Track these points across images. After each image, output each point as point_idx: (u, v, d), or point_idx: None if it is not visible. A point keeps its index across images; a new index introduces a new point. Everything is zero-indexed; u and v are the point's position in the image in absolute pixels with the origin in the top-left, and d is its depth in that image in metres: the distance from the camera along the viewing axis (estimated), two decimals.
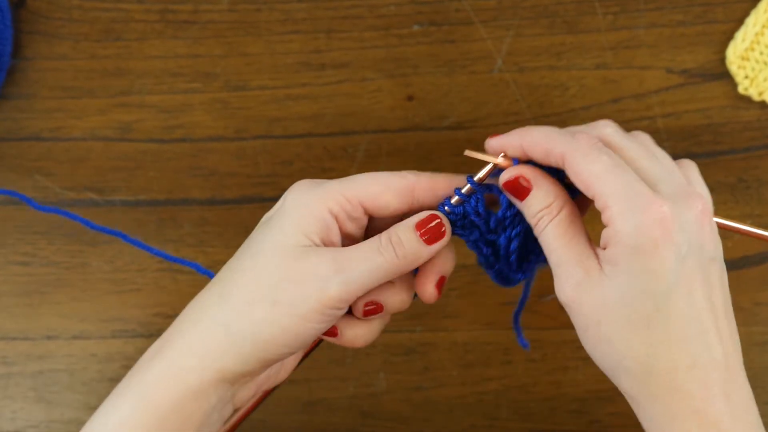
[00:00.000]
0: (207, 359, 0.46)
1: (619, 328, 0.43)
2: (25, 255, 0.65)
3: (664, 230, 0.42)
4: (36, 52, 0.66)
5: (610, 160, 0.43)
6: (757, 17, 0.64)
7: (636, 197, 0.42)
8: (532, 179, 0.46)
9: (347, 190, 0.47)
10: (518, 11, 0.65)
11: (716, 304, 0.44)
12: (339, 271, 0.45)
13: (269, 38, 0.66)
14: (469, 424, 0.63)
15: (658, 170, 0.45)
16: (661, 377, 0.43)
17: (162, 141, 0.66)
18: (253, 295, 0.46)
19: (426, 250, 0.47)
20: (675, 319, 0.43)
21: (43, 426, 0.64)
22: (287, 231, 0.47)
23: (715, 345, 0.43)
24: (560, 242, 0.45)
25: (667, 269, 0.42)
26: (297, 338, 0.46)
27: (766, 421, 0.63)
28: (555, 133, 0.46)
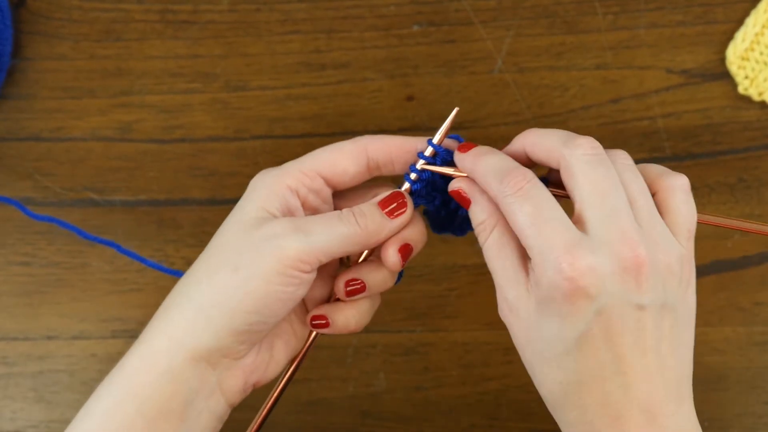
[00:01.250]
0: (176, 338, 0.46)
1: (537, 361, 0.46)
2: (25, 255, 0.65)
3: (575, 285, 0.42)
4: (36, 52, 0.66)
5: (532, 209, 0.44)
6: (757, 17, 0.64)
7: (551, 251, 0.43)
8: (470, 194, 0.48)
9: (302, 163, 0.49)
10: (518, 11, 0.65)
11: (644, 346, 0.44)
12: (296, 230, 0.46)
13: (269, 38, 0.66)
14: (469, 424, 0.63)
15: (601, 209, 0.44)
16: (573, 412, 0.45)
17: (162, 141, 0.66)
18: (215, 266, 0.47)
19: (389, 223, 0.48)
20: (584, 364, 0.44)
21: (43, 426, 0.64)
22: (247, 208, 0.48)
23: (633, 384, 0.44)
24: (494, 264, 0.46)
25: (578, 320, 0.43)
26: (264, 302, 0.46)
27: (766, 421, 0.63)
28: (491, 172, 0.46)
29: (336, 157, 0.49)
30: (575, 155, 0.45)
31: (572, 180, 0.45)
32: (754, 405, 0.63)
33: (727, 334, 0.63)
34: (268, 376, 0.51)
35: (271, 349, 0.51)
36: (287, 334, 0.51)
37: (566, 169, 0.45)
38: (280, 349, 0.51)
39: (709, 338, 0.63)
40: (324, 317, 0.50)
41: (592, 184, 0.44)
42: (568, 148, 0.45)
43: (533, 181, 0.45)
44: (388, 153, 0.49)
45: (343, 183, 0.50)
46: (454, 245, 0.64)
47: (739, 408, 0.63)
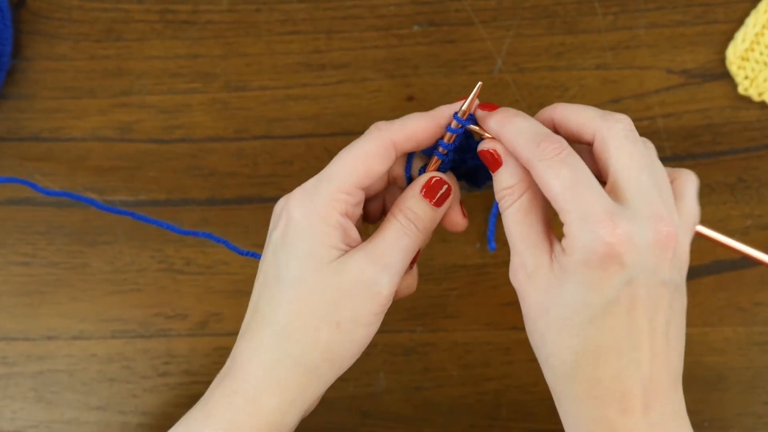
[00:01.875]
0: (290, 398, 0.47)
1: (553, 329, 0.45)
2: (25, 255, 0.65)
3: (612, 251, 0.42)
4: (36, 52, 0.66)
5: (571, 174, 0.43)
6: (757, 18, 0.64)
7: (589, 216, 0.43)
8: (503, 155, 0.47)
9: (341, 184, 0.47)
10: (518, 11, 0.65)
11: (656, 325, 0.44)
12: (383, 269, 0.46)
13: (269, 39, 0.66)
14: (469, 424, 0.63)
15: (638, 183, 0.44)
16: (582, 383, 0.44)
17: (162, 141, 0.66)
18: (314, 324, 0.46)
19: (439, 213, 0.49)
20: (606, 333, 0.44)
21: (43, 426, 0.64)
22: (314, 250, 0.47)
23: (644, 362, 0.44)
24: (517, 229, 0.46)
25: (608, 287, 0.43)
26: (364, 343, 0.47)
27: (766, 421, 0.63)
28: (524, 135, 0.46)
29: (368, 164, 0.48)
30: (615, 128, 0.45)
31: (609, 152, 0.45)
32: (754, 405, 0.63)
33: (727, 334, 0.63)
34: None
35: None
36: None
37: (603, 141, 0.45)
38: None
39: (709, 338, 0.63)
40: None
41: (631, 157, 0.44)
42: (607, 122, 0.45)
43: (569, 149, 0.44)
44: (415, 140, 0.49)
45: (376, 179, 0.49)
46: (455, 245, 0.64)
47: (739, 408, 0.63)
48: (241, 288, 0.64)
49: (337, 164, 0.48)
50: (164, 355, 0.64)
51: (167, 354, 0.64)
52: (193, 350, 0.64)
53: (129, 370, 0.64)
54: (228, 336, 0.64)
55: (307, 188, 0.48)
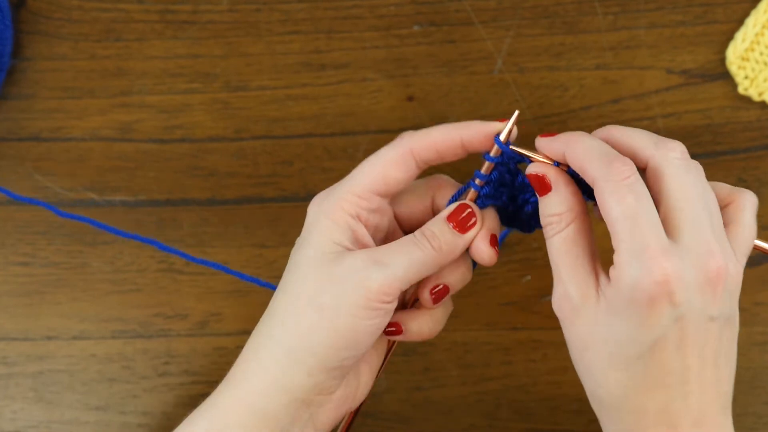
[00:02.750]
0: (269, 379, 0.47)
1: (599, 361, 0.44)
2: (25, 255, 0.65)
3: (662, 290, 0.42)
4: (36, 52, 0.66)
5: (634, 203, 0.43)
6: (757, 18, 0.64)
7: (643, 250, 0.42)
8: (554, 182, 0.46)
9: (354, 186, 0.48)
10: (518, 11, 0.65)
11: (705, 358, 0.44)
12: (377, 263, 0.46)
13: (269, 38, 0.66)
14: (469, 424, 0.63)
15: (692, 217, 0.44)
16: (629, 415, 0.44)
17: (162, 141, 0.66)
18: (299, 308, 0.47)
19: (461, 239, 0.48)
20: (654, 369, 0.43)
21: (43, 426, 0.64)
22: (316, 244, 0.47)
23: (692, 394, 0.44)
24: (563, 259, 0.45)
25: (657, 325, 0.43)
26: (353, 338, 0.46)
27: (766, 421, 0.63)
28: (594, 152, 0.45)
29: (384, 170, 0.48)
30: (668, 158, 0.44)
31: (663, 182, 0.44)
32: (754, 405, 0.63)
33: None
34: (357, 401, 0.51)
35: (358, 376, 0.51)
36: (369, 355, 0.51)
37: (657, 171, 0.44)
38: (365, 373, 0.51)
39: None
40: (397, 324, 0.50)
41: (683, 189, 0.44)
42: (661, 150, 0.45)
43: (637, 175, 0.44)
44: (435, 150, 0.48)
45: (397, 190, 0.49)
46: None
47: (739, 408, 0.63)
48: (241, 288, 0.64)
49: (357, 169, 0.49)
50: (164, 355, 0.64)
51: (167, 354, 0.64)
52: (193, 350, 0.64)
53: (129, 370, 0.64)
54: (228, 336, 0.64)
55: (326, 190, 0.49)
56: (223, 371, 0.63)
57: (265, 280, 0.64)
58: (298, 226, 0.65)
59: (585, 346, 0.45)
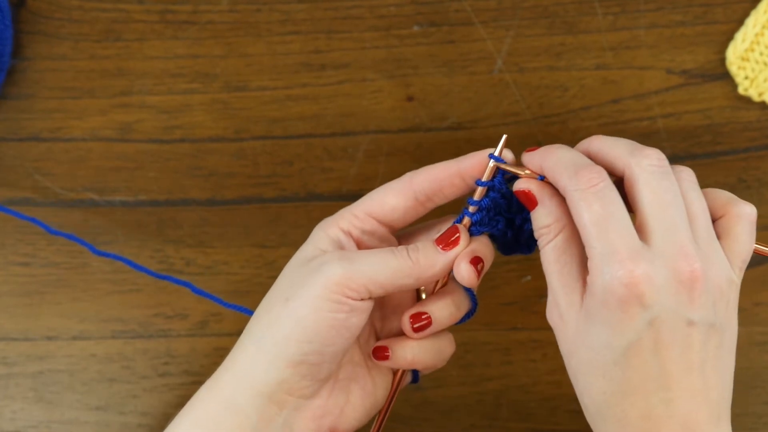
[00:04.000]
0: (239, 372, 0.48)
1: (582, 368, 0.45)
2: (25, 255, 0.65)
3: (630, 292, 0.42)
4: (36, 52, 0.66)
5: (601, 210, 0.43)
6: (757, 18, 0.64)
7: (612, 254, 0.43)
8: (538, 196, 0.47)
9: (354, 208, 0.50)
10: (518, 12, 0.65)
11: (690, 364, 0.44)
12: (342, 258, 0.47)
13: (269, 39, 0.66)
14: (469, 424, 0.63)
15: (663, 220, 0.44)
16: (613, 422, 0.44)
17: (162, 141, 0.66)
18: (271, 301, 0.48)
19: (442, 256, 0.48)
20: (631, 374, 0.44)
21: (43, 426, 0.64)
22: (305, 250, 0.49)
23: (676, 401, 0.44)
24: (553, 267, 0.46)
25: (629, 328, 0.43)
26: (314, 330, 0.46)
27: (766, 421, 0.63)
28: (563, 163, 0.46)
29: (383, 196, 0.50)
30: (642, 165, 0.45)
31: (636, 189, 0.45)
32: (754, 405, 0.63)
33: None
34: (345, 422, 0.50)
35: (347, 393, 0.51)
36: (364, 379, 0.51)
37: (631, 178, 0.45)
38: (357, 395, 0.51)
39: None
40: (385, 348, 0.50)
41: (655, 195, 0.44)
42: (636, 158, 0.45)
43: (607, 181, 0.44)
44: (433, 181, 0.49)
45: (396, 220, 0.50)
46: None
47: (739, 408, 0.63)
48: (241, 288, 0.64)
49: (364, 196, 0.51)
50: (164, 355, 0.64)
51: (167, 354, 0.64)
52: (193, 350, 0.64)
53: (129, 370, 0.64)
54: (228, 336, 0.64)
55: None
56: None
57: (265, 279, 0.64)
58: (298, 227, 0.65)
59: (570, 353, 0.46)
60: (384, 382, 0.52)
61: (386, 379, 0.52)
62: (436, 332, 0.51)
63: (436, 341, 0.51)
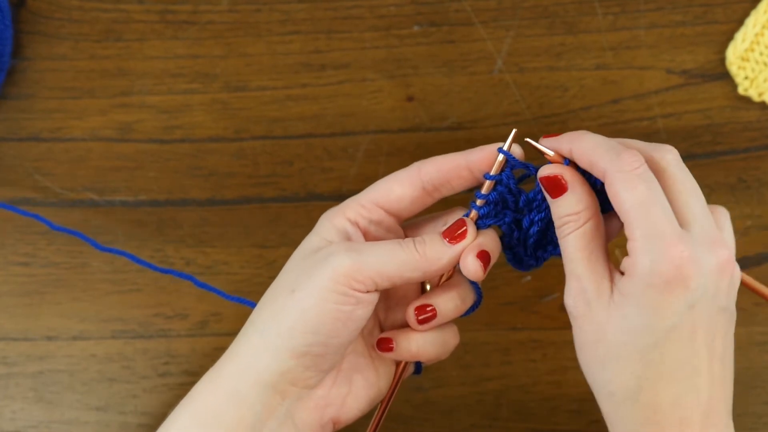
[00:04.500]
0: (241, 363, 0.47)
1: (613, 354, 0.44)
2: (25, 255, 0.65)
3: (679, 274, 0.42)
4: (36, 52, 0.66)
5: (647, 191, 0.44)
6: (757, 18, 0.64)
7: (660, 236, 0.43)
8: (570, 181, 0.47)
9: (360, 197, 0.50)
10: (518, 12, 0.65)
11: (715, 350, 0.44)
12: (349, 249, 0.46)
13: (269, 39, 0.66)
14: (469, 424, 0.63)
15: (696, 210, 0.45)
16: (643, 409, 0.44)
17: (162, 141, 0.66)
18: (276, 291, 0.48)
19: (449, 249, 0.48)
20: (669, 358, 0.43)
21: (43, 426, 0.64)
22: (311, 240, 0.49)
23: (703, 388, 0.44)
24: (580, 255, 0.46)
25: (673, 311, 0.43)
26: (320, 320, 0.46)
27: (766, 421, 0.63)
28: (603, 146, 0.46)
29: (390, 185, 0.49)
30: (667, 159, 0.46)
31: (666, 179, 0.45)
32: (754, 405, 0.63)
33: None
34: (347, 412, 0.50)
35: (350, 383, 0.50)
36: (367, 369, 0.51)
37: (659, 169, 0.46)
38: (359, 385, 0.51)
39: None
40: (390, 340, 0.50)
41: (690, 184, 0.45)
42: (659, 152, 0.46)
43: (646, 166, 0.45)
44: (440, 172, 0.49)
45: (403, 209, 0.50)
46: None
47: (739, 408, 0.63)
48: (241, 288, 0.64)
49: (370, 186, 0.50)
50: (164, 355, 0.64)
51: (167, 354, 0.64)
52: (193, 350, 0.64)
53: (129, 370, 0.64)
54: (228, 336, 0.64)
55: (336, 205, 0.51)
56: None
57: (265, 279, 0.64)
58: (298, 226, 0.65)
59: (597, 339, 0.45)
60: (387, 373, 0.52)
61: (389, 370, 0.52)
62: (440, 324, 0.51)
63: (441, 333, 0.51)
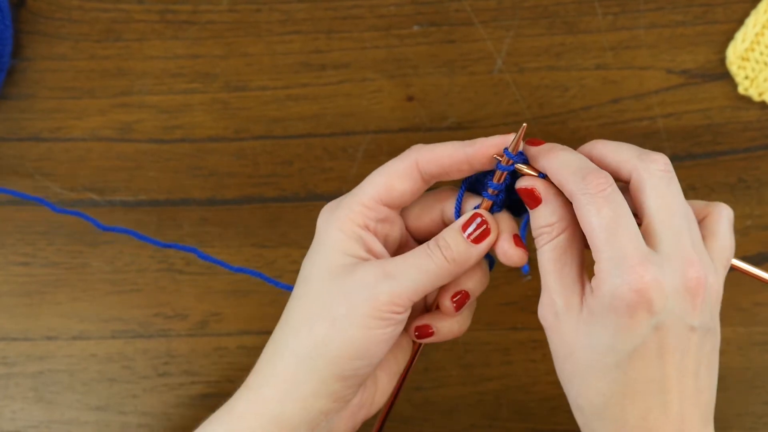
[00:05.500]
0: (285, 387, 0.47)
1: (580, 369, 0.45)
2: (25, 255, 0.65)
3: (640, 297, 0.42)
4: (36, 52, 0.66)
5: (611, 213, 0.43)
6: (757, 17, 0.64)
7: (622, 260, 0.43)
8: (543, 194, 0.47)
9: (361, 196, 0.49)
10: (518, 11, 0.65)
11: (685, 368, 0.44)
12: (387, 276, 0.46)
13: (269, 38, 0.66)
14: (469, 424, 0.63)
15: (671, 227, 0.44)
16: (611, 423, 0.44)
17: (162, 141, 0.66)
18: (311, 318, 0.47)
19: (475, 250, 0.48)
20: (634, 376, 0.44)
21: (43, 426, 0.64)
22: (328, 254, 0.48)
23: (672, 403, 0.44)
24: (551, 267, 0.46)
25: (635, 333, 0.43)
26: (365, 347, 0.47)
27: (766, 421, 0.63)
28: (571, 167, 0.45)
29: (390, 180, 0.49)
30: (650, 170, 0.45)
31: (644, 194, 0.45)
32: (754, 405, 0.63)
33: (727, 334, 0.63)
34: (374, 408, 0.51)
35: (376, 383, 0.51)
36: (388, 363, 0.52)
37: (639, 183, 0.45)
38: (384, 381, 0.51)
39: None
40: (429, 326, 0.50)
41: (664, 200, 0.44)
42: (643, 162, 0.45)
43: (614, 186, 0.44)
44: (439, 164, 0.49)
45: (405, 202, 0.50)
46: None
47: (739, 408, 0.63)
48: (241, 288, 0.64)
49: (365, 180, 0.49)
50: (164, 355, 0.64)
51: (167, 354, 0.64)
52: (193, 350, 0.64)
53: (129, 370, 0.64)
54: (228, 336, 0.64)
55: (334, 201, 0.50)
56: (224, 371, 0.64)
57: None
58: (298, 226, 0.65)
59: (566, 354, 0.46)
60: (404, 357, 0.52)
61: (405, 354, 0.52)
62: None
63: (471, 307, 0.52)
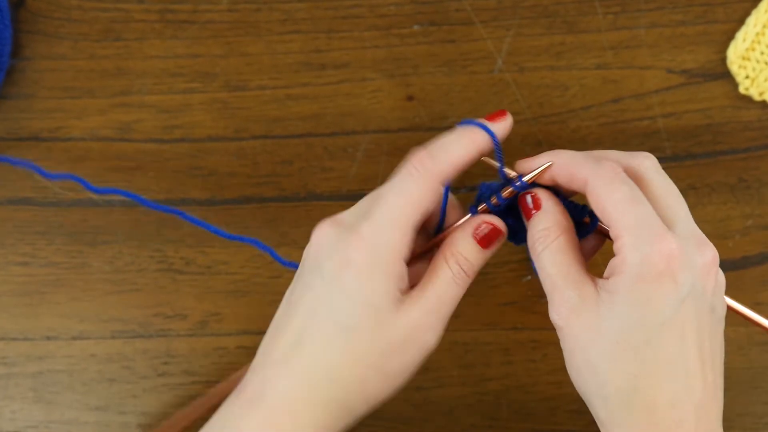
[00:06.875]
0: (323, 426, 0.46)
1: (606, 355, 0.44)
2: (24, 255, 0.65)
3: (669, 265, 0.42)
4: (36, 52, 0.66)
5: (630, 191, 0.44)
6: (758, 17, 0.64)
7: (648, 230, 0.43)
8: (543, 200, 0.48)
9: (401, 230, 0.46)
10: (518, 11, 0.65)
11: (704, 353, 0.44)
12: (434, 324, 0.47)
13: (269, 38, 0.66)
14: (469, 424, 0.63)
15: (679, 211, 0.45)
16: (640, 411, 0.43)
17: (162, 141, 0.66)
18: (362, 372, 0.46)
19: (487, 254, 0.49)
20: (663, 355, 0.43)
21: (43, 426, 0.64)
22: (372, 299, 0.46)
23: (696, 388, 0.44)
24: (555, 268, 0.46)
25: (664, 304, 0.43)
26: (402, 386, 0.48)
27: (766, 421, 0.63)
28: (580, 157, 0.47)
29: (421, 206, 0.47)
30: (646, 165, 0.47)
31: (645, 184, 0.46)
32: (754, 405, 0.63)
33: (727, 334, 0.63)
34: None
35: None
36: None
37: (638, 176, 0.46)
38: None
39: None
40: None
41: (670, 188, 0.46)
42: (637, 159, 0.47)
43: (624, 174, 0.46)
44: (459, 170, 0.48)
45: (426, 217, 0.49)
46: None
47: (739, 408, 0.63)
48: (241, 288, 0.64)
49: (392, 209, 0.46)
50: (164, 355, 0.64)
51: (167, 354, 0.64)
52: (193, 350, 0.64)
53: (129, 370, 0.64)
54: (228, 336, 0.64)
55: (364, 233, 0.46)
56: (223, 371, 0.64)
57: (264, 279, 0.64)
58: (297, 226, 0.65)
59: (587, 344, 0.45)
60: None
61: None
62: None
63: None
